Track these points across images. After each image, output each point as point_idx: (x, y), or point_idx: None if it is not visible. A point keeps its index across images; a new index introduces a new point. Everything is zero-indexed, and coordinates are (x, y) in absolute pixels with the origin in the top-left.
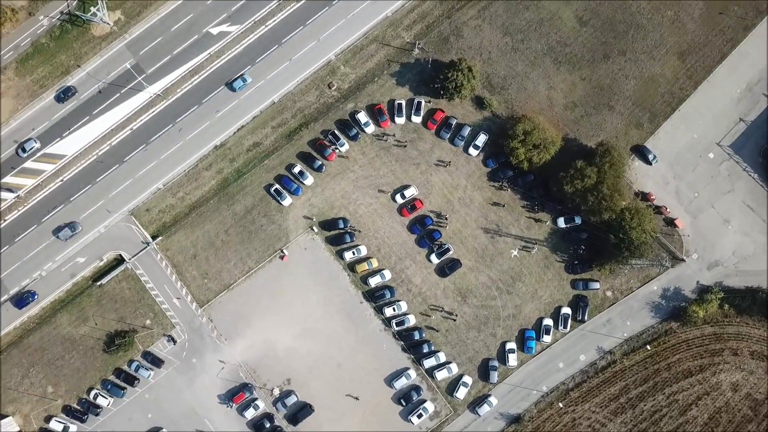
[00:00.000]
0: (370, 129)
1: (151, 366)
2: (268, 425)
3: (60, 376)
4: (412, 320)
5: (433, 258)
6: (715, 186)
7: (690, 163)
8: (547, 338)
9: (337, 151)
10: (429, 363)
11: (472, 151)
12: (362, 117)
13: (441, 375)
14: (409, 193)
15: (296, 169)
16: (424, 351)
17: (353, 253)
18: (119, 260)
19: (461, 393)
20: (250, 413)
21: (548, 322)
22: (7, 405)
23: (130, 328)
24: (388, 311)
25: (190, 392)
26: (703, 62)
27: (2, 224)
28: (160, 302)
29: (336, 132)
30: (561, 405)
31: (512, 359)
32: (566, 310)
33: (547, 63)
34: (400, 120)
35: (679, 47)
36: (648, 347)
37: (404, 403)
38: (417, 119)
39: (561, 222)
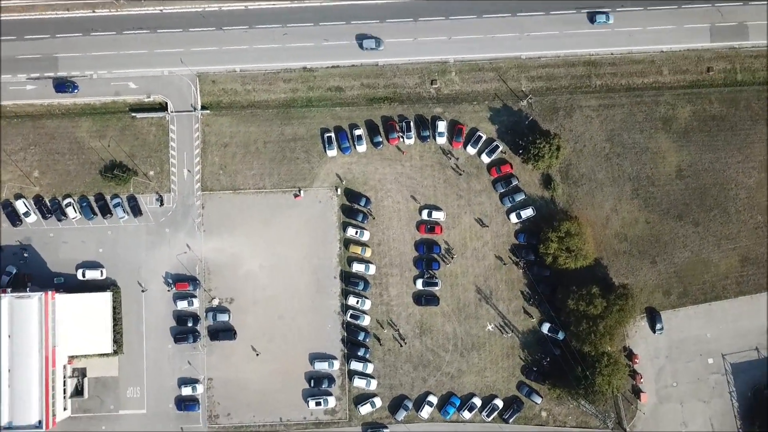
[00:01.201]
0: (441, 141)
1: (129, 211)
2: (189, 324)
3: (50, 169)
4: (366, 321)
5: (419, 283)
6: (696, 389)
7: (688, 355)
8: (467, 414)
9: (401, 139)
10: (355, 366)
11: (513, 218)
12: (441, 126)
13: (358, 383)
14: (436, 215)
15: (358, 132)
16: (358, 354)
17: (356, 232)
18: (162, 107)
19: (365, 409)
20: (182, 305)
21: (477, 401)
22: None
23: (133, 169)
24: (352, 300)
25: (146, 254)
26: (758, 278)
27: (92, 13)
28: (172, 164)
29: (411, 124)
30: None
31: (426, 412)
32: (498, 402)
33: (626, 188)
34: (472, 150)
35: (747, 252)
36: None
37: (312, 385)
38: (486, 159)
39: (545, 328)
